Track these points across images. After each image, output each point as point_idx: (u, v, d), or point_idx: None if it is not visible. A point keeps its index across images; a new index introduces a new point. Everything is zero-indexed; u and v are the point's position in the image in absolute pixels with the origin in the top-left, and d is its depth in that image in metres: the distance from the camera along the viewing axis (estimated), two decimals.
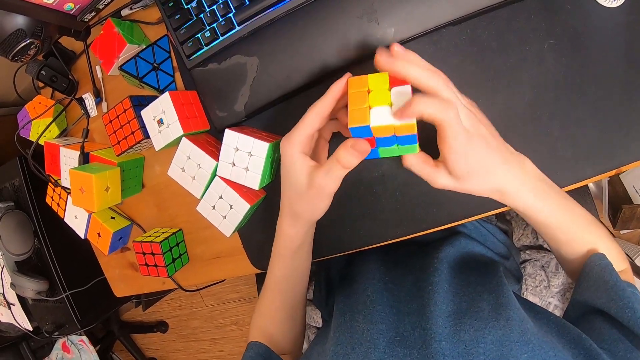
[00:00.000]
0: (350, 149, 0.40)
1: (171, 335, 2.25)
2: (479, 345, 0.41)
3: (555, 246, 0.51)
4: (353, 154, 0.40)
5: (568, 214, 0.47)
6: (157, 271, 0.70)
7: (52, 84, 0.76)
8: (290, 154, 0.45)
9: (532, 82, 0.48)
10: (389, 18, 0.49)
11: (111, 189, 0.68)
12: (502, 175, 0.43)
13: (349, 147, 0.40)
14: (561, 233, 0.48)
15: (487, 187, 0.43)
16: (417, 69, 0.38)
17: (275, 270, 0.57)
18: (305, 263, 0.58)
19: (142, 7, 0.68)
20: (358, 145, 0.40)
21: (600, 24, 0.45)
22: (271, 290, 0.59)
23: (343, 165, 0.41)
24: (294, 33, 0.53)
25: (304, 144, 0.45)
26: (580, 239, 0.49)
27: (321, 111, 0.43)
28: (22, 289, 1.21)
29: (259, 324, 0.61)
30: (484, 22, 0.49)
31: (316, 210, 0.48)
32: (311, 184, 0.44)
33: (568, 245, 0.49)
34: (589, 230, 0.49)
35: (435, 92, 0.38)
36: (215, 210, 0.60)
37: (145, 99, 0.65)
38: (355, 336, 0.48)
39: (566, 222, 0.47)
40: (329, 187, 0.44)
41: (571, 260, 0.51)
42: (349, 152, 0.40)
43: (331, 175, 0.43)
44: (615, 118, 0.45)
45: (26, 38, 0.59)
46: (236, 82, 0.57)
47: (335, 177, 0.43)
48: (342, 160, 0.41)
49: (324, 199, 0.46)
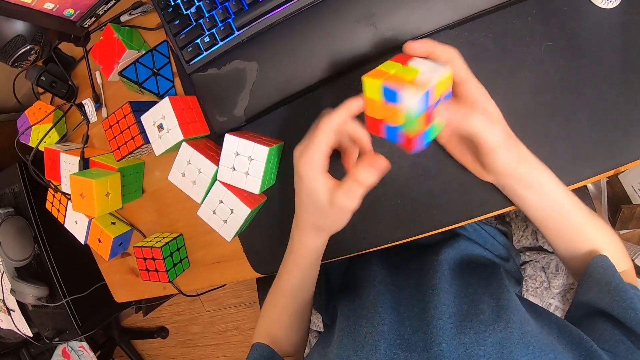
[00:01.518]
0: (368, 168, 0.41)
1: (171, 341, 2.24)
2: (480, 347, 0.41)
3: (562, 238, 0.50)
4: (371, 172, 0.41)
5: (577, 201, 0.47)
6: (158, 276, 0.69)
7: (51, 90, 0.76)
8: (311, 175, 0.45)
9: (529, 83, 0.48)
10: (387, 22, 0.49)
11: (111, 194, 0.68)
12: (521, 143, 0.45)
13: (367, 165, 0.41)
14: (572, 219, 0.47)
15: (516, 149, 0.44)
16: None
17: (290, 278, 0.57)
18: (318, 270, 0.58)
19: (142, 12, 0.68)
20: (376, 163, 0.41)
21: (596, 25, 0.45)
22: (283, 297, 0.59)
23: (362, 185, 0.42)
24: (292, 38, 0.53)
25: (323, 162, 0.45)
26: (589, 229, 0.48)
27: (336, 126, 0.43)
28: (22, 295, 1.21)
29: (266, 328, 0.61)
30: (482, 25, 0.49)
31: (339, 224, 0.49)
32: (333, 203, 0.45)
33: (576, 235, 0.48)
34: (595, 221, 0.48)
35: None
36: (216, 215, 0.60)
37: (145, 104, 0.65)
38: (358, 339, 0.48)
39: (577, 207, 0.47)
40: (351, 206, 0.44)
41: (576, 256, 0.50)
42: (367, 171, 0.41)
43: (352, 195, 0.43)
44: (613, 118, 0.45)
45: (26, 44, 0.59)
46: (236, 87, 0.57)
47: (356, 197, 0.43)
48: (361, 179, 0.41)
49: (346, 216, 0.48)
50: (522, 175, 0.45)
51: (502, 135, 0.42)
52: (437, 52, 0.41)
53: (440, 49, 0.41)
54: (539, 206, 0.47)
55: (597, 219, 0.49)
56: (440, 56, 0.41)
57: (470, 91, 0.42)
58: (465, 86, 0.42)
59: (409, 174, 0.54)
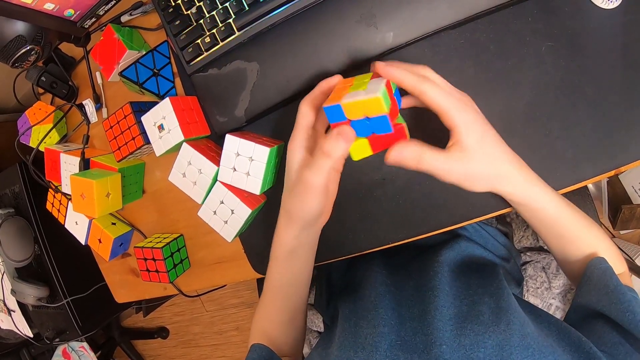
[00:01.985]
0: (334, 136, 0.40)
1: (172, 341, 2.24)
2: (480, 349, 0.42)
3: (559, 245, 0.51)
4: (337, 139, 0.40)
5: (570, 210, 0.47)
6: (159, 277, 0.69)
7: (52, 90, 0.76)
8: (289, 149, 0.47)
9: (531, 83, 0.48)
10: (387, 22, 0.49)
11: (112, 194, 0.68)
12: (509, 162, 0.44)
13: (334, 134, 0.40)
14: (567, 229, 0.48)
15: (494, 171, 0.43)
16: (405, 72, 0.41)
17: (272, 273, 0.56)
18: (304, 268, 0.56)
19: (142, 13, 0.68)
20: (342, 131, 0.40)
21: (597, 26, 0.45)
22: (270, 293, 0.58)
23: (326, 153, 0.40)
24: (293, 38, 0.53)
25: (305, 139, 0.46)
26: (584, 236, 0.49)
27: (313, 103, 0.45)
28: (23, 296, 1.21)
29: (260, 327, 0.61)
30: (483, 26, 0.49)
31: (305, 206, 0.46)
32: (299, 178, 0.45)
33: (572, 243, 0.49)
34: (590, 228, 0.49)
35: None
36: (217, 216, 0.60)
37: (145, 104, 0.65)
38: (359, 340, 0.48)
39: (571, 217, 0.47)
40: (316, 181, 0.42)
41: (574, 261, 0.51)
42: (332, 139, 0.40)
43: (318, 168, 0.42)
44: (614, 118, 0.46)
45: (26, 44, 0.59)
46: (236, 88, 0.57)
47: (321, 168, 0.42)
48: (326, 147, 0.40)
49: (312, 195, 0.44)
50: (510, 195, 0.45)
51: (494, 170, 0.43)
52: (404, 83, 0.41)
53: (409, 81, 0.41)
54: (531, 219, 0.49)
55: (591, 225, 0.49)
56: (410, 88, 0.41)
57: (449, 121, 0.41)
58: (443, 116, 0.41)
59: (409, 174, 0.54)
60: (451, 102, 0.41)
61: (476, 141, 0.41)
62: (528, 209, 0.47)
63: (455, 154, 0.42)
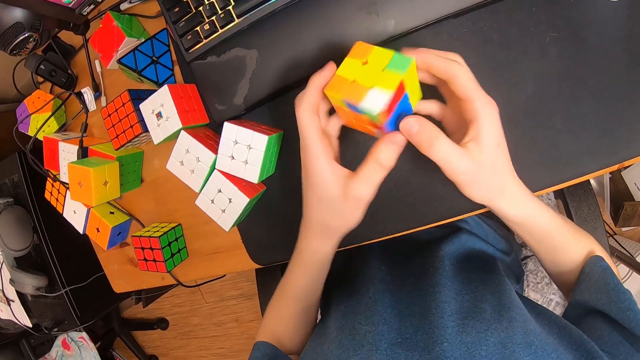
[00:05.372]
0: (388, 145, 0.38)
1: (171, 333, 2.25)
2: (482, 347, 0.41)
3: (553, 258, 0.51)
4: (393, 149, 0.38)
5: (561, 221, 0.47)
6: (156, 266, 0.69)
7: (51, 79, 0.76)
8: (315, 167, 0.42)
9: (534, 75, 0.47)
10: (389, 10, 0.48)
11: (110, 183, 0.67)
12: (509, 174, 0.43)
13: (388, 142, 0.38)
14: (559, 240, 0.48)
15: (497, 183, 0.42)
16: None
17: (296, 280, 0.54)
18: (327, 272, 0.54)
19: (141, 0, 0.67)
20: (395, 140, 0.38)
21: (602, 17, 0.45)
22: (290, 298, 0.56)
23: (384, 166, 0.39)
24: (293, 26, 0.52)
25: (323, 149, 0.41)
26: (576, 245, 0.49)
27: (312, 105, 0.41)
28: (22, 285, 1.21)
29: (270, 329, 0.59)
30: (486, 15, 0.48)
31: (351, 222, 0.45)
32: (347, 195, 0.41)
33: (565, 254, 0.49)
34: (581, 237, 0.50)
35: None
36: (214, 204, 0.59)
37: (144, 92, 0.64)
38: (357, 339, 0.47)
39: (562, 228, 0.47)
40: (369, 196, 0.41)
41: (567, 271, 0.51)
42: (387, 149, 0.38)
43: (370, 180, 0.40)
44: (618, 112, 0.45)
45: (24, 31, 0.58)
46: (235, 75, 0.56)
47: (375, 181, 0.40)
48: (383, 158, 0.38)
49: (360, 209, 0.43)
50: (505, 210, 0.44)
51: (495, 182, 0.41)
52: (435, 67, 0.38)
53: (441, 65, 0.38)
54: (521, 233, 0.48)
55: (583, 234, 0.50)
56: (441, 72, 0.39)
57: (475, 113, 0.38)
58: (469, 104, 0.39)
59: (410, 165, 0.53)
60: (481, 94, 0.38)
61: (495, 145, 0.39)
62: (522, 225, 0.46)
63: (472, 152, 0.38)
